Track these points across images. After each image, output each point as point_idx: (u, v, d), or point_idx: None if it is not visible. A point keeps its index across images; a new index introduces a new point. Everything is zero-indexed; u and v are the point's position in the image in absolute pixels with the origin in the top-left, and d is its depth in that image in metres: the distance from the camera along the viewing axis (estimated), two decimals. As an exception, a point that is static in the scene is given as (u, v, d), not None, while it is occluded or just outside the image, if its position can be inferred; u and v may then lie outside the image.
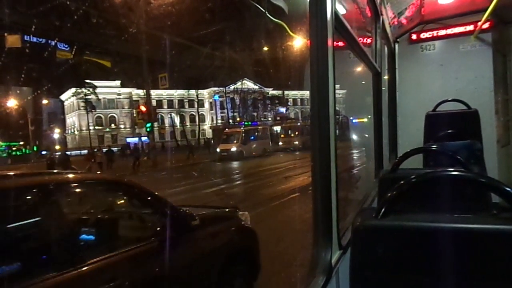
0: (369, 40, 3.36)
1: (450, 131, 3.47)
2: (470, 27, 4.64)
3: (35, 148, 49.75)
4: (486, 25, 4.40)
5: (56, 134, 62.83)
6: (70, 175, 3.75)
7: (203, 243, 3.71)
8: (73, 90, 57.37)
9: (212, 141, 46.77)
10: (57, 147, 55.76)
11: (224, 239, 4.08)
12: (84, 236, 3.10)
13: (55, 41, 35.72)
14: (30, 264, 2.43)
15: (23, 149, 48.76)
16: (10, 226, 2.53)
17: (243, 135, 32.47)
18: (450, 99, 3.95)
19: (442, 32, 4.89)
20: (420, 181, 1.15)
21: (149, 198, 3.54)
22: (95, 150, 30.90)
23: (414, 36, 5.04)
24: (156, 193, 3.65)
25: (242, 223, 4.38)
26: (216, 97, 66.55)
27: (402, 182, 1.15)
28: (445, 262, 1.01)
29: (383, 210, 1.12)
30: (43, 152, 49.73)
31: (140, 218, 3.64)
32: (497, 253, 0.98)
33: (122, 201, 3.78)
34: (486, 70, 4.59)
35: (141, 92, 51.95)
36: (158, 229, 3.36)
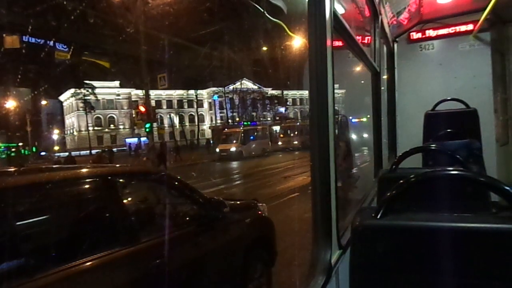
0: (368, 40, 3.36)
1: (449, 130, 3.47)
2: (469, 27, 4.64)
3: (34, 149, 49.64)
4: (485, 25, 4.40)
5: (55, 135, 62.68)
6: (126, 168, 4.59)
7: (232, 228, 4.18)
8: (72, 90, 57.18)
9: (211, 141, 46.73)
10: (56, 148, 55.71)
11: (248, 226, 4.51)
12: (137, 220, 3.48)
13: (54, 41, 35.64)
14: (102, 238, 2.96)
15: (22, 150, 48.62)
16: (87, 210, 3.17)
17: (242, 135, 32.46)
18: (449, 98, 3.95)
19: (441, 32, 4.89)
20: (419, 181, 1.15)
21: (187, 189, 4.07)
22: (106, 150, 30.74)
23: (413, 36, 5.04)
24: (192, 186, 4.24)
25: (260, 212, 4.82)
26: (215, 97, 66.46)
27: (401, 181, 1.15)
28: (445, 261, 1.01)
29: (382, 209, 1.12)
30: (42, 153, 49.68)
31: (180, 206, 4.05)
32: (496, 252, 0.98)
33: (165, 191, 4.13)
34: (485, 69, 4.59)
35: (140, 92, 51.82)
36: (196, 215, 3.83)
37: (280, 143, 39.08)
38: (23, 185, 2.77)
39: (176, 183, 4.02)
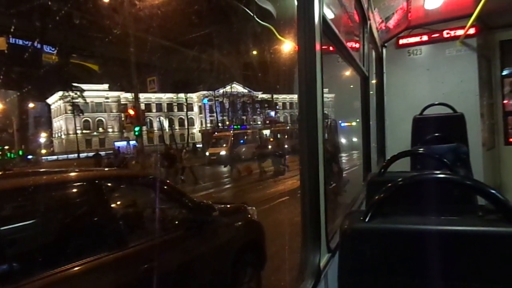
0: (357, 45, 3.39)
1: (436, 134, 3.51)
2: (456, 33, 4.71)
3: (20, 153, 48.82)
4: (471, 31, 4.47)
5: (43, 138, 61.75)
6: (114, 172, 4.76)
7: (221, 232, 4.20)
8: (60, 93, 56.49)
9: (201, 145, 46.45)
10: (44, 151, 54.89)
11: (238, 230, 4.53)
12: (125, 225, 3.47)
13: (41, 43, 35.20)
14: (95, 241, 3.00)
15: (8, 154, 47.81)
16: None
17: (232, 138, 32.41)
18: (436, 103, 3.99)
19: (429, 37, 4.96)
20: (407, 184, 1.16)
21: (175, 192, 4.11)
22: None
23: (401, 41, 5.10)
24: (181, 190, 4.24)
25: (249, 216, 4.80)
26: (205, 100, 66.29)
27: (389, 184, 1.16)
28: (432, 264, 1.01)
29: (370, 212, 1.12)
30: (29, 157, 48.87)
31: (169, 210, 4.06)
32: (482, 254, 0.99)
33: (155, 196, 4.11)
34: (471, 75, 4.66)
35: (129, 95, 51.46)
36: (185, 219, 3.84)
37: (270, 146, 39.04)
38: (8, 189, 2.73)
39: (165, 187, 4.01)
